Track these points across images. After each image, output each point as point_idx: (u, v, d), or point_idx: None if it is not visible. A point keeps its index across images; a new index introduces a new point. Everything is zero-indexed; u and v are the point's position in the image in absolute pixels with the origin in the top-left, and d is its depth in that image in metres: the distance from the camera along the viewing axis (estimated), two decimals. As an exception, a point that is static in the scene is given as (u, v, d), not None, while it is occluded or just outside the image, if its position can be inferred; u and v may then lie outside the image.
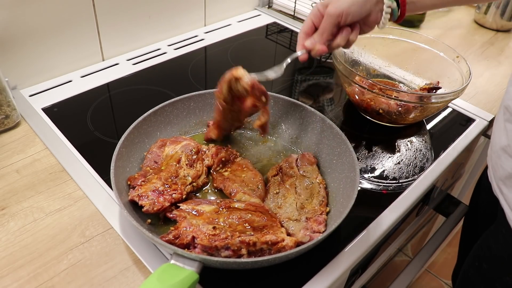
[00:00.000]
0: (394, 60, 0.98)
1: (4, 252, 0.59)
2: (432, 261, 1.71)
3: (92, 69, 0.98)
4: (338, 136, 0.71)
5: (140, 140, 0.71)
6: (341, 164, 0.69)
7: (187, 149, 0.70)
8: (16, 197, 0.67)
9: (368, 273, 0.83)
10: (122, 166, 0.65)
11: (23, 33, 0.84)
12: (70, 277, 0.56)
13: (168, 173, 0.66)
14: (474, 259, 0.76)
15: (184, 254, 0.52)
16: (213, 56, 1.08)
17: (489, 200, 0.76)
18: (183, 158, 0.69)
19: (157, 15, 1.06)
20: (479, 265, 0.74)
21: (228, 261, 0.54)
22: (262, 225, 0.58)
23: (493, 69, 1.10)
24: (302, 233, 0.59)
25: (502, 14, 1.26)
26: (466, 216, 0.96)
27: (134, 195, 0.61)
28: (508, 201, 0.64)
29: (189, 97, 0.77)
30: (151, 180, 0.64)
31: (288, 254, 0.53)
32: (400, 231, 0.89)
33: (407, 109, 0.81)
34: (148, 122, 0.72)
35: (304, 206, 0.64)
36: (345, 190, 0.65)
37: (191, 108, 0.78)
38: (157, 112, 0.73)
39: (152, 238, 0.53)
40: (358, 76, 0.81)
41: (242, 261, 0.53)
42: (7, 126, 0.79)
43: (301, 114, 0.77)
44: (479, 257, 0.74)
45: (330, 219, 0.63)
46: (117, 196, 0.58)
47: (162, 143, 0.71)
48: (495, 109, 0.95)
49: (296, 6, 1.26)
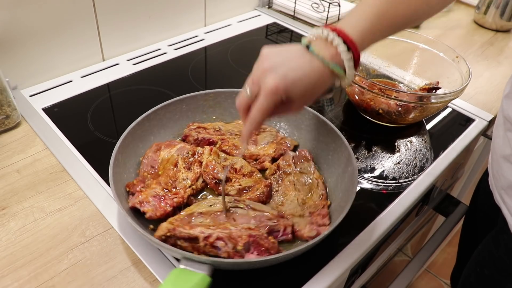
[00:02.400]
0: (394, 60, 0.98)
1: (5, 252, 0.59)
2: (432, 261, 1.71)
3: (92, 69, 0.98)
4: (333, 132, 0.71)
5: (134, 145, 0.71)
6: (337, 159, 0.70)
7: (183, 152, 0.70)
8: (17, 197, 0.67)
9: (368, 273, 0.83)
10: (119, 172, 0.65)
11: (24, 33, 0.84)
12: (71, 277, 0.56)
13: (166, 177, 0.66)
14: (476, 264, 0.75)
15: (194, 257, 0.52)
16: (213, 56, 1.08)
17: (489, 203, 0.76)
18: (180, 162, 0.69)
19: (157, 15, 1.06)
20: (481, 271, 0.73)
21: (239, 261, 0.54)
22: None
23: (492, 69, 1.10)
24: (308, 228, 0.60)
25: (501, 14, 1.26)
26: (465, 218, 0.96)
27: (135, 201, 0.61)
28: (510, 210, 0.64)
29: (181, 100, 0.77)
30: (151, 185, 0.64)
31: (297, 251, 0.54)
32: (400, 231, 0.89)
33: (407, 109, 0.81)
34: (141, 126, 0.72)
35: (306, 201, 0.65)
36: (343, 184, 0.66)
37: (183, 111, 0.78)
38: (149, 116, 0.73)
39: (159, 244, 0.53)
40: (358, 76, 0.81)
41: (252, 260, 0.54)
42: (8, 126, 0.79)
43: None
44: (481, 263, 0.74)
45: (332, 214, 0.63)
46: (119, 204, 0.57)
47: (157, 148, 0.71)
48: (494, 109, 0.95)
49: (296, 6, 1.26)
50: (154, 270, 0.58)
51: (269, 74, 0.53)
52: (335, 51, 0.53)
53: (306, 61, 0.54)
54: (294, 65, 0.54)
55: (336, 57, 0.53)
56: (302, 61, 0.54)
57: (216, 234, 0.55)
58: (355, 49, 0.54)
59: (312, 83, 0.54)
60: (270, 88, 0.53)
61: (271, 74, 0.53)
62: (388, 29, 0.58)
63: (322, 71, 0.54)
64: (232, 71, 1.03)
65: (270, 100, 0.53)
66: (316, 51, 0.54)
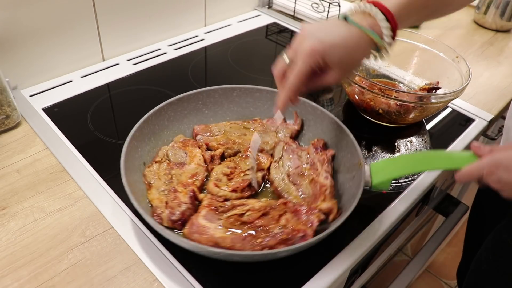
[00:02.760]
0: (394, 60, 0.98)
1: (5, 252, 0.59)
2: (432, 261, 1.71)
3: (92, 69, 0.98)
4: (348, 140, 0.71)
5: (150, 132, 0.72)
6: (347, 162, 0.71)
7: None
8: (17, 197, 0.67)
9: (368, 273, 0.83)
10: (131, 157, 0.66)
11: (24, 33, 0.84)
12: (71, 277, 0.56)
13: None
14: (488, 252, 0.75)
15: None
16: (213, 56, 1.08)
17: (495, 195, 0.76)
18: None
19: (157, 15, 1.06)
20: (494, 259, 0.73)
21: (252, 254, 0.55)
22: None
23: (492, 69, 1.10)
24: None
25: (501, 14, 1.26)
26: (471, 212, 0.96)
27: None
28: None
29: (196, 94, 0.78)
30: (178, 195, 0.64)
31: (310, 242, 0.54)
32: (400, 231, 0.89)
33: (407, 109, 0.81)
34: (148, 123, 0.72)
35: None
36: (349, 188, 0.67)
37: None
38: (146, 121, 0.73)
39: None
40: (358, 76, 0.81)
41: (264, 253, 0.54)
42: (8, 126, 0.79)
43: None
44: (494, 251, 0.74)
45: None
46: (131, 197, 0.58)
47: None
48: (494, 109, 0.95)
49: (296, 6, 1.26)
50: (154, 270, 0.58)
51: (308, 39, 0.54)
52: (374, 21, 0.55)
53: (345, 29, 0.55)
54: (332, 31, 0.55)
55: (375, 27, 0.55)
56: (341, 28, 0.55)
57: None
58: (393, 19, 0.55)
59: (350, 49, 0.55)
60: (307, 50, 0.53)
61: (310, 39, 0.54)
62: (422, 9, 0.60)
63: (360, 37, 0.55)
64: (232, 71, 1.03)
65: (307, 62, 0.53)
66: (355, 21, 0.55)
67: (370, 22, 0.55)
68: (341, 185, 0.69)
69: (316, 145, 0.73)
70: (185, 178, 0.67)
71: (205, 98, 0.79)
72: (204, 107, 0.79)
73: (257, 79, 0.99)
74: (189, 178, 0.67)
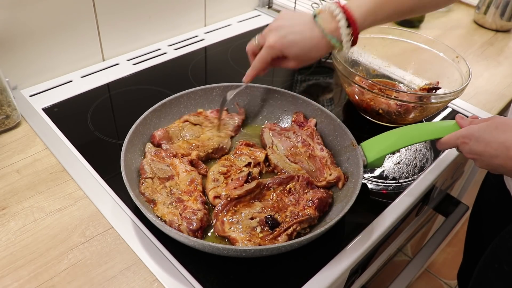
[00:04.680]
0: (393, 60, 0.98)
1: (5, 252, 0.59)
2: (432, 261, 1.71)
3: (92, 69, 0.98)
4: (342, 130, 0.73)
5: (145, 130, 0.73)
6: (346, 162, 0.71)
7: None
8: (17, 197, 0.67)
9: (368, 272, 0.83)
10: (130, 154, 0.67)
11: (24, 33, 0.84)
12: (71, 277, 0.56)
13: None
14: (493, 259, 0.75)
15: None
16: (213, 56, 1.08)
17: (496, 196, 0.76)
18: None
19: (157, 15, 1.06)
20: (500, 267, 0.73)
21: (227, 247, 0.54)
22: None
23: (492, 69, 1.10)
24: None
25: (501, 14, 1.26)
26: (471, 215, 0.96)
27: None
28: None
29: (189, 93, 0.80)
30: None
31: (313, 236, 0.55)
32: (400, 231, 0.89)
33: (407, 109, 0.81)
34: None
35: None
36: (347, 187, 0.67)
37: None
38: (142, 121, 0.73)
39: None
40: (358, 76, 0.81)
41: (271, 247, 0.55)
42: (8, 126, 0.79)
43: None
44: (499, 259, 0.74)
45: (332, 213, 0.64)
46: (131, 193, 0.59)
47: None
48: (494, 109, 0.95)
49: (296, 6, 1.26)
50: (154, 270, 0.58)
51: (273, 32, 0.65)
52: (336, 26, 0.63)
53: (308, 28, 0.64)
54: (296, 29, 0.64)
55: (336, 31, 0.63)
56: (305, 28, 0.64)
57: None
58: (355, 27, 0.63)
59: (307, 48, 0.65)
60: (270, 43, 0.65)
61: (275, 33, 0.65)
62: (392, 14, 0.66)
63: (320, 40, 0.64)
64: (232, 71, 1.03)
65: (268, 53, 0.66)
66: (319, 22, 0.63)
67: (334, 26, 0.63)
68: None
69: (297, 120, 0.77)
70: (184, 186, 0.66)
71: (186, 101, 0.80)
72: (186, 110, 0.80)
73: (257, 79, 0.98)
74: (189, 185, 0.66)
